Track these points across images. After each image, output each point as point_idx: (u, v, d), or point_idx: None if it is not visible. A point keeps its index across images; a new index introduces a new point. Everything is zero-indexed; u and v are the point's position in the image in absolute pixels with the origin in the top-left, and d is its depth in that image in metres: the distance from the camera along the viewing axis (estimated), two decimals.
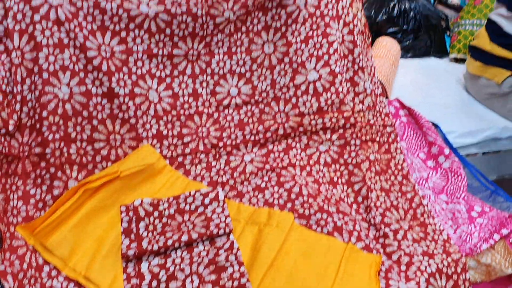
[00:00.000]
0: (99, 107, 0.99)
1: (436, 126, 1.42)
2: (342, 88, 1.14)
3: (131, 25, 1.00)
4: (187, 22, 1.04)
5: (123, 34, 1.00)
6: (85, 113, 0.98)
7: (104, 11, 0.97)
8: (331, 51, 1.13)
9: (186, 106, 1.08)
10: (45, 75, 0.94)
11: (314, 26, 1.13)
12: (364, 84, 1.18)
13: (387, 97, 1.55)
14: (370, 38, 1.27)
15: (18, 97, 0.94)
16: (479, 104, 1.62)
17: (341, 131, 1.14)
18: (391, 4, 1.91)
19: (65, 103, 0.96)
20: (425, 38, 1.91)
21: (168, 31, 1.04)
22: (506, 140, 1.46)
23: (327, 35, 1.13)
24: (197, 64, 1.10)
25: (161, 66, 1.06)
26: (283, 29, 1.13)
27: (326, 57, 1.13)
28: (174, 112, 1.06)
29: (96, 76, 0.98)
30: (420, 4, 1.94)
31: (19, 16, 0.92)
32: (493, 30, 1.53)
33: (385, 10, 1.89)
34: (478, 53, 1.58)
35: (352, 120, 1.14)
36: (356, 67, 1.18)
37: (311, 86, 1.13)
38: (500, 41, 1.49)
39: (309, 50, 1.14)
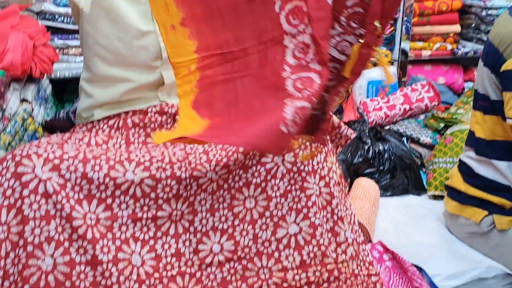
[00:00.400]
0: (82, 276, 0.99)
1: (420, 269, 1.43)
2: (323, 240, 1.16)
3: (117, 192, 1.05)
4: (171, 185, 1.09)
5: (109, 201, 1.04)
6: (67, 283, 0.98)
7: (91, 181, 1.02)
8: (309, 204, 1.18)
9: (168, 267, 1.09)
10: (29, 248, 0.96)
11: (292, 181, 1.19)
12: (345, 233, 1.21)
13: (370, 241, 1.57)
14: (347, 187, 1.33)
15: (0, 272, 0.94)
16: (462, 242, 1.64)
17: (325, 285, 1.14)
18: (366, 147, 2.01)
19: (48, 275, 0.97)
20: (401, 177, 1.98)
21: (153, 195, 1.08)
22: (492, 280, 1.46)
23: (304, 189, 1.18)
24: (180, 224, 1.12)
25: (145, 229, 1.08)
26: (263, 184, 1.18)
27: (305, 210, 1.17)
28: (156, 275, 1.06)
29: (80, 244, 1.00)
30: (393, 145, 2.06)
31: (8, 192, 0.96)
32: (465, 170, 1.59)
33: (360, 152, 2.00)
34: (454, 193, 1.62)
35: (336, 272, 1.15)
36: (335, 217, 1.22)
37: (293, 239, 1.16)
38: (473, 182, 1.54)
39: (288, 203, 1.18)
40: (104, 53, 1.26)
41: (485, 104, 1.48)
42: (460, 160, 1.64)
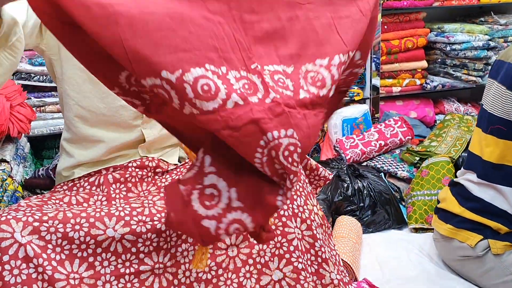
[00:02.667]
0: None
1: None
2: (308, 284, 1.17)
3: (98, 250, 1.05)
4: (152, 239, 1.10)
5: (91, 259, 1.04)
6: None
7: (72, 241, 1.02)
8: (291, 248, 1.19)
9: None
10: None
11: (273, 227, 1.20)
12: (330, 275, 1.22)
13: (356, 279, 1.58)
14: (330, 228, 1.35)
15: None
16: (446, 272, 1.66)
17: None
18: (345, 185, 2.05)
19: None
20: (382, 212, 2.02)
21: (134, 249, 1.09)
22: None
23: (286, 234, 1.20)
24: (164, 277, 1.12)
25: (128, 285, 1.08)
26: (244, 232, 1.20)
27: (287, 255, 1.18)
28: None
29: None
30: (372, 181, 2.10)
31: None
32: (461, 193, 1.60)
33: (340, 190, 2.03)
34: (447, 216, 1.62)
35: None
36: (319, 259, 1.23)
37: (277, 285, 1.16)
38: (470, 205, 1.55)
39: (270, 250, 1.19)
40: (85, 113, 1.28)
41: (501, 128, 1.48)
42: (454, 183, 1.66)
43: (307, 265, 1.20)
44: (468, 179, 1.60)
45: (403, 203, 2.17)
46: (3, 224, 0.98)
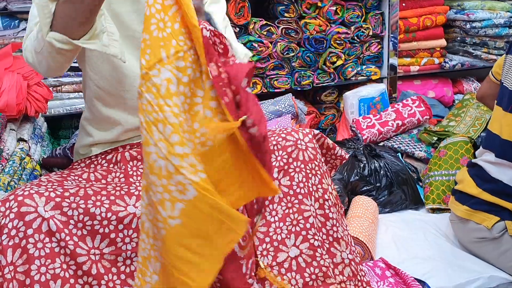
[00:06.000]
0: None
1: (423, 283, 1.43)
2: (324, 261, 1.17)
3: (120, 226, 1.06)
4: None
5: (112, 235, 1.05)
6: None
7: (94, 217, 1.03)
8: (307, 225, 1.19)
9: None
10: (36, 286, 0.96)
11: (290, 204, 1.20)
12: (341, 254, 1.22)
13: (372, 258, 1.58)
14: (343, 208, 1.34)
15: None
16: (463, 252, 1.65)
17: None
18: (361, 165, 2.03)
19: None
20: (399, 192, 2.00)
21: None
22: None
23: (302, 211, 1.20)
24: None
25: None
26: (262, 211, 1.20)
27: (303, 232, 1.18)
28: None
29: (86, 280, 1.01)
30: (389, 161, 2.08)
31: (13, 232, 0.97)
32: (479, 175, 1.58)
33: (356, 171, 2.01)
34: (464, 197, 1.61)
35: None
36: (330, 238, 1.22)
37: (294, 262, 1.16)
38: (487, 186, 1.54)
39: (287, 227, 1.19)
40: (104, 95, 1.28)
41: None
42: (472, 164, 1.64)
43: (322, 243, 1.20)
44: (486, 160, 1.58)
45: (420, 184, 2.15)
46: (27, 199, 0.99)
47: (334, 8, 2.51)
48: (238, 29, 2.35)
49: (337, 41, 2.56)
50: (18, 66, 1.73)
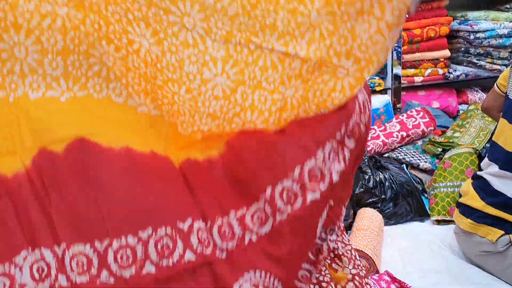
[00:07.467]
0: None
1: None
2: (323, 277, 1.17)
3: None
4: None
5: None
6: None
7: None
8: None
9: None
10: None
11: None
12: (343, 270, 1.22)
13: (377, 271, 1.58)
14: (343, 223, 1.34)
15: None
16: (468, 264, 1.65)
17: None
18: (366, 177, 2.04)
19: None
20: (404, 204, 2.00)
21: None
22: None
23: None
24: None
25: None
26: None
27: None
28: None
29: None
30: (394, 173, 2.08)
31: None
32: (483, 188, 1.59)
33: (361, 183, 2.02)
34: (468, 211, 1.61)
35: None
36: (331, 254, 1.22)
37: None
38: (491, 200, 1.54)
39: None
40: None
41: None
42: (477, 176, 1.65)
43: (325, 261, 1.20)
44: (490, 172, 1.58)
45: (425, 195, 2.15)
46: None
47: None
48: None
49: None
50: None
